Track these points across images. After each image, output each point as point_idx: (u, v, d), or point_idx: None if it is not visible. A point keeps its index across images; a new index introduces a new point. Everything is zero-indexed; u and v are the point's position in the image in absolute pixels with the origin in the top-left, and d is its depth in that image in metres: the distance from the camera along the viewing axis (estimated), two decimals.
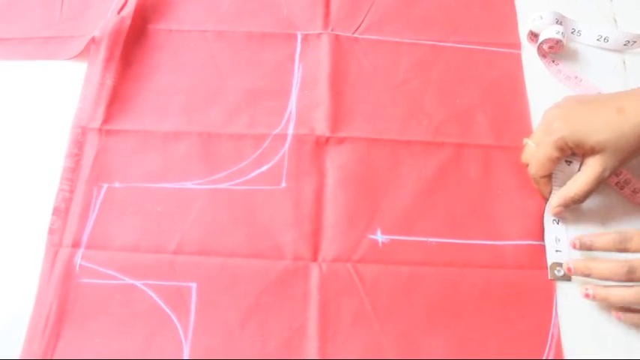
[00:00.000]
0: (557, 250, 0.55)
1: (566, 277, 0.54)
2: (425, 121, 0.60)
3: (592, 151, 0.52)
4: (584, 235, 0.53)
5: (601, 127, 0.52)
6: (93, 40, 0.62)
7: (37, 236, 0.54)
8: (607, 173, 0.52)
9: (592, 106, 0.54)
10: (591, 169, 0.53)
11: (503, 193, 0.57)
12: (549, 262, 0.54)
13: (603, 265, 0.50)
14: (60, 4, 0.67)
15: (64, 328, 0.51)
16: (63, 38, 0.65)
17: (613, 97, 0.54)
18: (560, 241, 0.55)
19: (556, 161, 0.54)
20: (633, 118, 0.51)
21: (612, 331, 0.52)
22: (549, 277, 0.54)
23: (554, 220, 0.56)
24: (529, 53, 0.65)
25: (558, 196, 0.55)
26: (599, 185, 0.53)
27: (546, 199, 0.57)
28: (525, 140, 0.58)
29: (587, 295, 0.52)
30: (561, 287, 0.53)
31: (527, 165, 0.57)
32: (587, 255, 0.54)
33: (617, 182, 0.57)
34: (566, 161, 0.56)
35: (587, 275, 0.51)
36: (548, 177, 0.56)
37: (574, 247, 0.53)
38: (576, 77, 0.63)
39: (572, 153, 0.54)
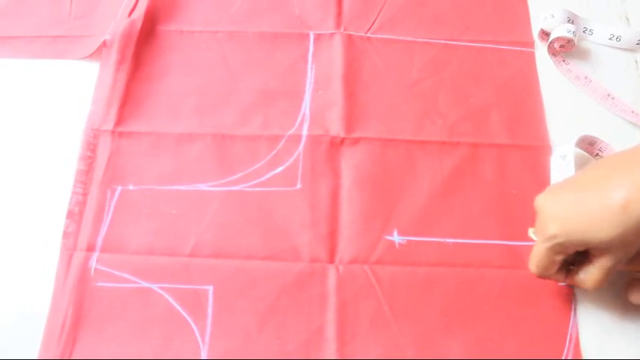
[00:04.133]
0: None
1: None
2: (439, 120, 0.60)
3: (597, 248, 0.46)
4: None
5: (603, 225, 0.44)
6: (104, 43, 0.62)
7: (52, 240, 0.54)
8: (620, 267, 0.48)
9: (591, 199, 0.46)
10: (602, 264, 0.47)
11: (519, 193, 0.57)
12: None
13: None
14: (69, 2, 0.66)
15: (81, 332, 0.51)
16: (72, 37, 0.64)
17: (612, 182, 0.45)
18: None
19: (559, 263, 0.49)
20: (637, 213, 0.43)
21: (632, 331, 0.52)
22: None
23: None
24: (542, 51, 0.64)
25: (572, 280, 0.50)
26: (612, 275, 0.48)
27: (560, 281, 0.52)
28: (530, 232, 0.52)
29: None
30: (579, 288, 0.53)
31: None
32: None
33: None
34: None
35: None
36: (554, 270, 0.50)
37: None
38: (586, 77, 0.63)
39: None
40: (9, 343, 0.51)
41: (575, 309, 0.52)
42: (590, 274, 0.48)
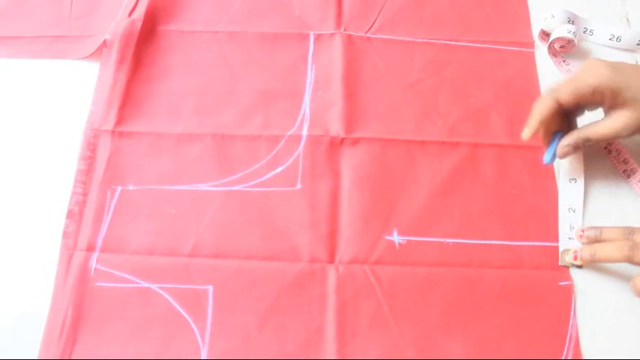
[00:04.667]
0: (570, 238, 0.55)
1: (577, 264, 0.54)
2: (439, 121, 0.60)
3: (623, 105, 0.52)
4: (590, 227, 0.54)
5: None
6: (105, 43, 0.62)
7: (52, 240, 0.54)
8: (625, 133, 0.53)
9: (633, 67, 0.54)
10: (614, 120, 0.53)
11: (519, 193, 0.57)
12: (561, 248, 0.55)
13: (607, 245, 0.52)
14: (69, 3, 0.67)
15: (81, 332, 0.51)
16: (72, 37, 0.65)
17: None
18: (573, 229, 0.55)
19: (579, 98, 0.53)
20: None
21: (631, 331, 0.52)
22: (560, 264, 0.54)
23: (569, 208, 0.56)
24: (542, 52, 0.64)
25: (570, 134, 0.55)
26: (614, 137, 0.54)
27: (531, 125, 0.55)
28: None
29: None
30: (579, 288, 0.53)
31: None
32: None
33: (625, 170, 0.58)
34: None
35: (593, 258, 0.52)
36: (556, 110, 0.54)
37: (580, 238, 0.54)
38: None
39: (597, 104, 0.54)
40: (9, 343, 0.51)
41: (574, 309, 0.52)
42: (598, 124, 0.54)
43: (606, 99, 0.53)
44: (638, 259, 0.50)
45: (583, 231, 0.54)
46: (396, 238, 0.55)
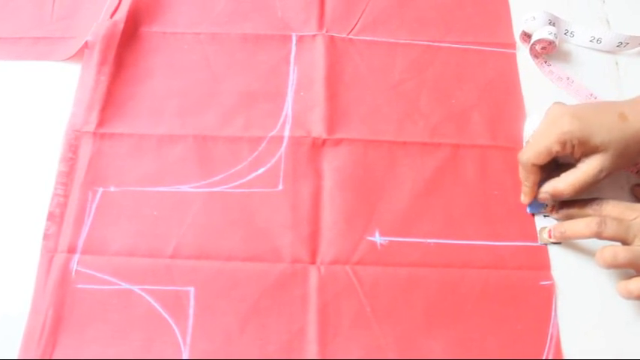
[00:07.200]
0: (545, 216, 0.56)
1: (553, 241, 0.55)
2: (421, 121, 0.60)
3: (594, 151, 0.52)
4: (561, 202, 0.56)
5: (607, 129, 0.51)
6: (86, 44, 0.62)
7: (32, 242, 0.54)
8: (602, 175, 0.52)
9: (595, 110, 0.54)
10: (589, 166, 0.52)
11: (500, 193, 0.57)
12: (538, 227, 0.56)
13: (577, 222, 0.52)
14: (51, 4, 0.66)
15: (61, 335, 0.51)
16: (53, 39, 0.64)
17: (613, 104, 0.54)
18: (547, 207, 0.56)
19: (553, 155, 0.53)
20: (635, 125, 0.52)
21: (612, 331, 0.52)
22: (539, 242, 0.55)
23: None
24: (524, 53, 0.65)
25: (549, 184, 0.55)
26: (591, 185, 0.53)
27: (525, 193, 0.56)
28: (528, 138, 0.57)
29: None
30: (560, 287, 0.54)
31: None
32: None
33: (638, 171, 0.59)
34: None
35: (563, 235, 0.53)
36: (538, 167, 0.55)
37: (552, 213, 0.56)
38: (568, 78, 0.63)
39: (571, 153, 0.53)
40: None
41: (556, 309, 0.53)
42: (572, 174, 0.53)
43: (576, 148, 0.52)
44: (606, 234, 0.50)
45: (553, 207, 0.56)
46: (378, 238, 0.55)
